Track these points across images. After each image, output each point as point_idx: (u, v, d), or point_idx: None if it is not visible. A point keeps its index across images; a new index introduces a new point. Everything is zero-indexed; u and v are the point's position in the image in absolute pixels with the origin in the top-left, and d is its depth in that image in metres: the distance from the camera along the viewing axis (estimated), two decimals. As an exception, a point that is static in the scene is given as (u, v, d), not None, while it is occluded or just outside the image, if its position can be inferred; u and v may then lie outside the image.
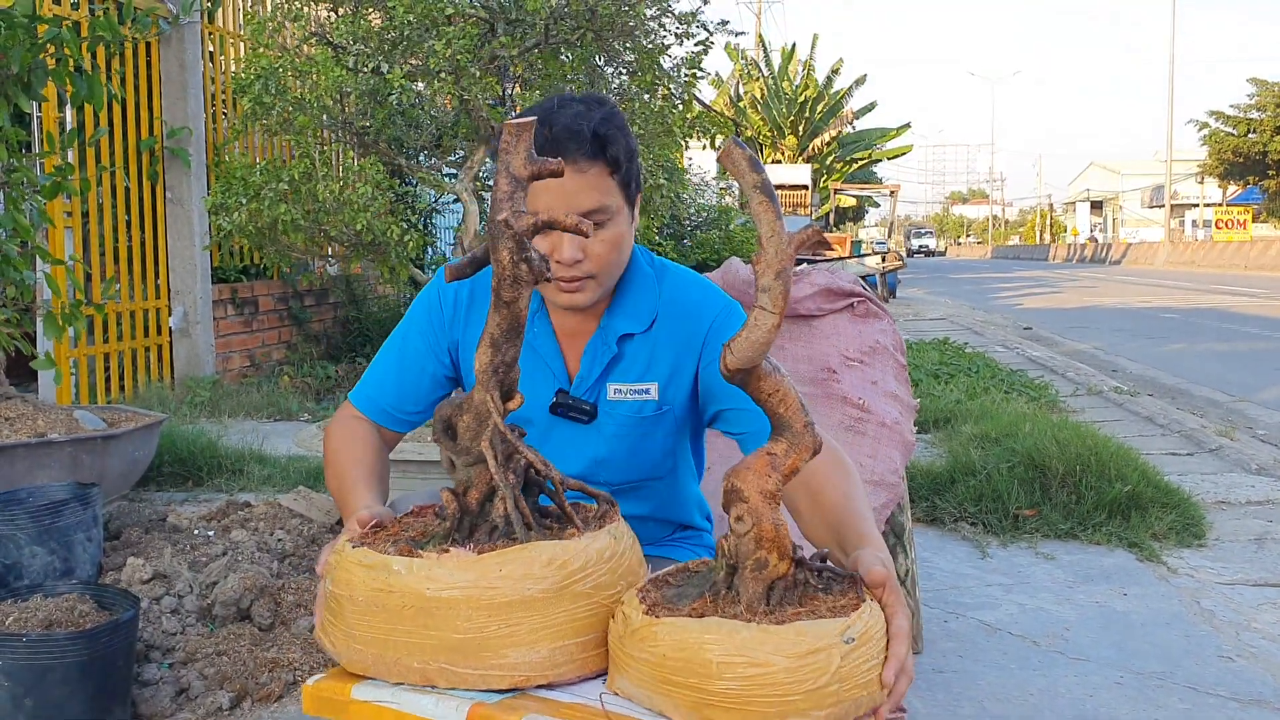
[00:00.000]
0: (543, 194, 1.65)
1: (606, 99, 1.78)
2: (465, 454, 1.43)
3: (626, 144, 1.70)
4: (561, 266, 1.69)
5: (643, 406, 1.82)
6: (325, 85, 4.05)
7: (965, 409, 5.93)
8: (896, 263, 17.77)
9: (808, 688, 1.21)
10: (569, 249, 1.68)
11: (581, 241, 1.68)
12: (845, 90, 33.28)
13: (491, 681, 1.33)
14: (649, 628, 1.29)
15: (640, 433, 1.83)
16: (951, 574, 3.66)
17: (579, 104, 1.70)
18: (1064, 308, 18.13)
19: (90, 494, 3.09)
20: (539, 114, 1.67)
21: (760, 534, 1.31)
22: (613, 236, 1.71)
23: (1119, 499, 4.15)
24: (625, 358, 1.82)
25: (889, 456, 2.73)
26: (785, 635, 1.23)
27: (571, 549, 1.36)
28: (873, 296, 2.91)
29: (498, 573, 1.32)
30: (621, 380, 1.82)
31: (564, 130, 1.65)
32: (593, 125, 1.66)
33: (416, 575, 1.32)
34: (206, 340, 7.25)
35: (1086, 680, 2.80)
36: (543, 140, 1.65)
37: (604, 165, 1.67)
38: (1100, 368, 9.50)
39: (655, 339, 1.82)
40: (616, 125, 1.69)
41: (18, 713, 2.26)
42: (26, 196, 4.05)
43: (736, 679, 1.22)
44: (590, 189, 1.66)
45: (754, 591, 1.31)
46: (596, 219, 1.67)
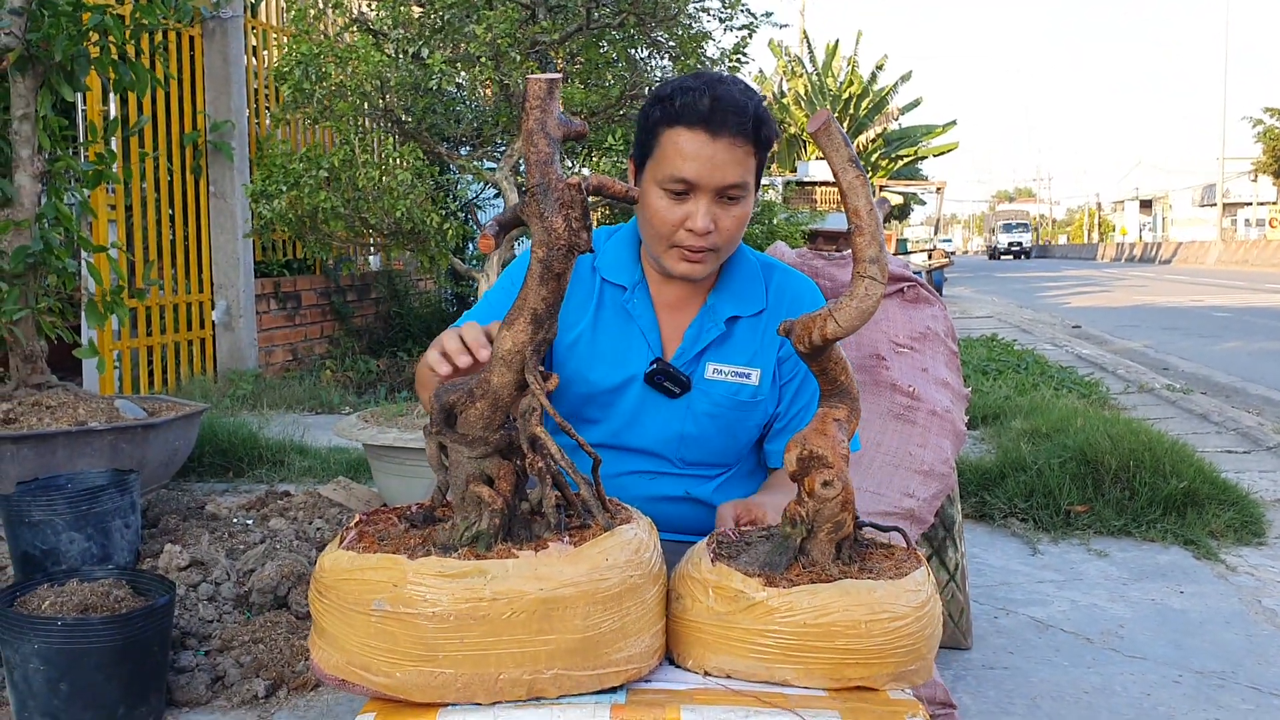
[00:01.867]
0: (692, 160, 1.68)
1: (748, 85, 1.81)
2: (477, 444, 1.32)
3: (773, 132, 1.75)
4: (693, 235, 1.71)
5: (740, 389, 1.83)
6: (365, 72, 4.02)
7: (1014, 404, 5.81)
8: (943, 260, 17.57)
9: (928, 632, 1.33)
10: (704, 219, 1.70)
11: (716, 212, 1.71)
12: (890, 87, 32.97)
13: (606, 680, 1.26)
14: (780, 598, 1.29)
15: (733, 416, 1.84)
16: (1002, 570, 3.57)
17: (737, 84, 1.73)
18: (1113, 306, 17.84)
19: (128, 481, 3.07)
20: (697, 84, 1.70)
21: (846, 496, 1.35)
22: (742, 214, 1.74)
23: (1174, 495, 4.03)
24: (732, 339, 1.84)
25: (939, 446, 2.64)
26: (907, 588, 1.32)
27: (644, 532, 1.33)
28: (923, 282, 2.83)
29: (606, 562, 1.25)
30: (724, 361, 1.83)
31: (730, 104, 1.68)
32: (755, 105, 1.70)
33: (523, 576, 1.21)
34: (249, 334, 7.27)
35: (1143, 679, 2.70)
36: (706, 109, 1.67)
37: (754, 146, 1.71)
38: (1151, 366, 9.31)
39: (764, 328, 1.84)
40: (769, 113, 1.74)
41: (53, 697, 2.23)
42: (69, 186, 4.06)
43: (883, 633, 1.28)
44: (738, 164, 1.69)
45: (828, 553, 1.37)
46: (734, 194, 1.71)
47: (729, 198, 1.70)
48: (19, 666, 2.24)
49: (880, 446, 2.62)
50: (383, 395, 6.90)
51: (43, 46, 3.76)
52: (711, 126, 1.66)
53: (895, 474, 2.59)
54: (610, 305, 1.85)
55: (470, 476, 1.31)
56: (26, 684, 2.24)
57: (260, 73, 7.70)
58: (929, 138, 34.39)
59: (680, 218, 1.71)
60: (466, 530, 1.28)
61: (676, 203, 1.70)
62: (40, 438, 3.45)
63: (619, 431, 1.81)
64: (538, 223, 1.27)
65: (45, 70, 3.84)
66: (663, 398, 1.81)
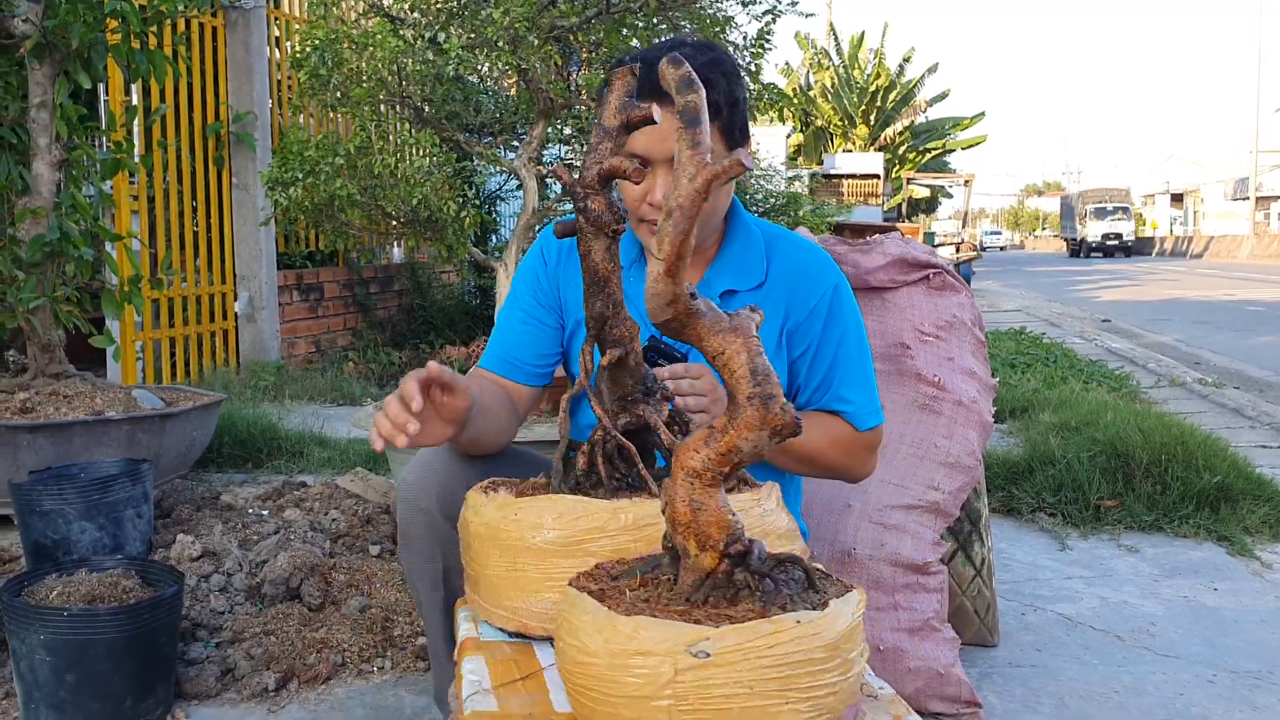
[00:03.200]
0: (640, 136, 1.65)
1: (716, 46, 1.76)
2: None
3: (729, 90, 1.69)
4: (653, 209, 1.70)
5: None
6: (382, 57, 3.97)
7: (1043, 398, 5.71)
8: (971, 253, 17.43)
9: (629, 693, 1.02)
10: (661, 191, 1.68)
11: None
12: (917, 79, 32.76)
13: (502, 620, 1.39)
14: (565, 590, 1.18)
15: None
16: (1029, 566, 3.49)
17: (688, 47, 1.69)
18: (1144, 300, 17.63)
19: (140, 470, 3.04)
20: (645, 55, 1.67)
21: (673, 516, 1.11)
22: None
23: (1207, 490, 3.93)
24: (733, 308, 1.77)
25: (965, 437, 2.57)
26: (619, 628, 1.04)
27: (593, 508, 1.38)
28: (949, 269, 2.75)
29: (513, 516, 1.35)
30: None
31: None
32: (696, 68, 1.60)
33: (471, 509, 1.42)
34: (271, 326, 7.26)
35: (1175, 678, 2.62)
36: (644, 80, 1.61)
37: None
38: (1183, 360, 9.17)
39: (765, 300, 1.80)
40: (721, 71, 1.67)
41: (60, 687, 2.20)
42: (88, 175, 4.04)
43: (570, 662, 1.08)
44: None
45: (683, 582, 1.13)
46: None
47: None
48: (25, 657, 2.21)
49: (904, 438, 2.55)
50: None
51: (60, 34, 3.74)
52: (654, 97, 1.60)
53: (920, 466, 2.52)
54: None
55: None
56: (33, 674, 2.21)
57: (283, 63, 7.68)
58: (957, 130, 34.16)
59: (642, 193, 1.70)
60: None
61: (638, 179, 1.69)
62: (57, 427, 3.42)
63: None
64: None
65: (62, 58, 3.82)
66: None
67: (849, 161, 26.84)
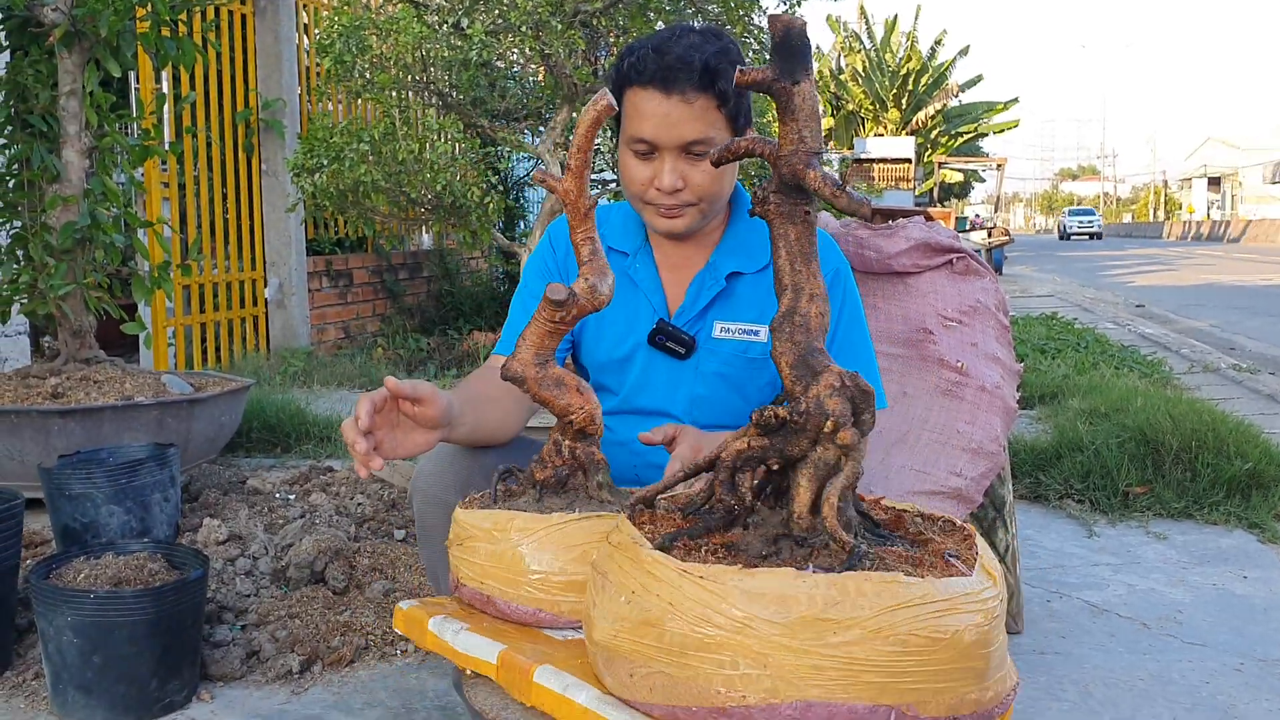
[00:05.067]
0: (649, 119, 1.65)
1: (724, 34, 1.75)
2: None
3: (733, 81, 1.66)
4: (661, 194, 1.70)
5: (750, 347, 1.80)
6: (406, 43, 3.98)
7: (1073, 384, 5.66)
8: (1003, 238, 17.28)
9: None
10: (669, 176, 1.68)
11: (683, 169, 1.68)
12: (949, 62, 32.49)
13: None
14: None
15: (744, 374, 1.81)
16: (1056, 552, 3.46)
17: (696, 35, 1.69)
18: (1179, 285, 17.42)
19: (167, 454, 3.07)
20: (655, 42, 1.67)
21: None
22: (715, 169, 1.70)
23: (1238, 477, 3.89)
24: (736, 296, 1.81)
25: (988, 423, 2.55)
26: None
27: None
28: (973, 253, 2.73)
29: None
30: (731, 319, 1.81)
31: (676, 60, 1.64)
32: (705, 57, 1.64)
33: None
34: (301, 312, 7.30)
35: (1202, 666, 2.60)
36: (656, 67, 1.64)
37: (712, 98, 1.65)
38: (1217, 345, 9.06)
39: (768, 285, 1.80)
40: (730, 59, 1.66)
41: (86, 669, 2.23)
42: (117, 161, 4.08)
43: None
44: (695, 119, 1.65)
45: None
46: (699, 150, 1.67)
47: (695, 153, 1.68)
48: (53, 639, 2.24)
49: (926, 423, 2.53)
50: (432, 373, 6.90)
51: (89, 22, 3.77)
52: (662, 83, 1.64)
53: (942, 452, 2.51)
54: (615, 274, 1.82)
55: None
56: (60, 656, 2.24)
57: (311, 50, 7.71)
58: (990, 115, 33.86)
59: (649, 177, 1.70)
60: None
61: (644, 162, 1.70)
62: (87, 412, 3.46)
63: (630, 396, 1.80)
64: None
65: (92, 46, 3.84)
66: (671, 360, 1.79)
67: (880, 146, 26.64)
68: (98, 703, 2.24)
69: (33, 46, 3.91)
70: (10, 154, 3.96)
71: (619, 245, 1.86)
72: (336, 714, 2.27)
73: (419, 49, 4.01)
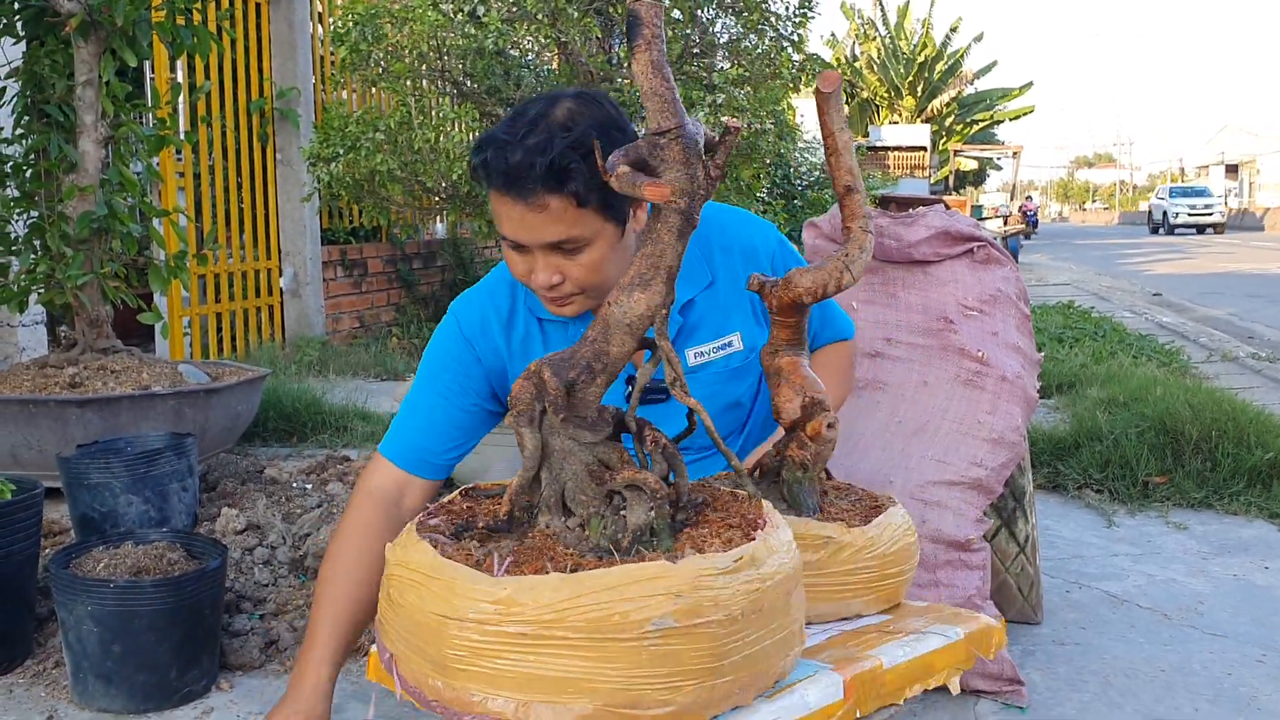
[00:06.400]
0: (507, 222, 1.50)
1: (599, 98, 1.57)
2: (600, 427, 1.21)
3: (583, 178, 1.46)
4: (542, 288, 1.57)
5: (729, 359, 1.76)
6: (421, 31, 3.96)
7: (1091, 373, 5.63)
8: (1019, 227, 17.20)
9: None
10: (543, 275, 1.54)
11: (558, 263, 1.53)
12: (964, 49, 32.32)
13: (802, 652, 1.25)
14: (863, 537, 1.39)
15: (732, 387, 1.78)
16: (1075, 542, 3.45)
17: (544, 128, 1.48)
18: (1196, 273, 17.32)
19: (185, 444, 3.08)
20: (502, 134, 1.49)
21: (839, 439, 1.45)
22: (590, 260, 1.54)
23: (1259, 467, 3.86)
24: (696, 319, 1.74)
25: (1009, 413, 2.54)
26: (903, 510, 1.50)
27: None
28: (994, 242, 2.71)
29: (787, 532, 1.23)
30: (701, 342, 1.75)
31: (518, 167, 1.45)
32: (550, 158, 1.45)
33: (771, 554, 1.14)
34: (316, 301, 7.31)
35: (1223, 657, 2.58)
36: (499, 173, 1.47)
37: (567, 198, 1.47)
38: (1236, 334, 9.00)
39: (720, 291, 1.75)
40: (584, 149, 1.45)
41: (106, 658, 2.24)
42: (134, 151, 4.08)
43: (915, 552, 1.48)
44: (555, 221, 1.48)
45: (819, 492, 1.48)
46: (568, 247, 1.52)
47: (566, 249, 1.52)
48: (73, 628, 2.25)
49: (947, 413, 2.52)
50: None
51: (104, 11, 3.76)
52: (510, 189, 1.47)
53: (963, 442, 2.49)
54: (559, 344, 1.72)
55: (589, 466, 1.18)
56: (81, 645, 2.25)
57: (326, 39, 7.71)
58: (1005, 101, 33.67)
59: (527, 270, 1.57)
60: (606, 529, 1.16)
61: (520, 255, 1.56)
62: (104, 401, 3.47)
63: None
64: (679, 169, 1.14)
65: (108, 35, 3.84)
66: (657, 407, 1.73)
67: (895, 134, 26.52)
68: (118, 691, 2.25)
69: (49, 36, 3.91)
70: (27, 144, 3.96)
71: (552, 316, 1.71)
72: (355, 704, 2.27)
73: (434, 37, 3.99)
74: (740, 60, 4.27)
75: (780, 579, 1.13)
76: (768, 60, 4.32)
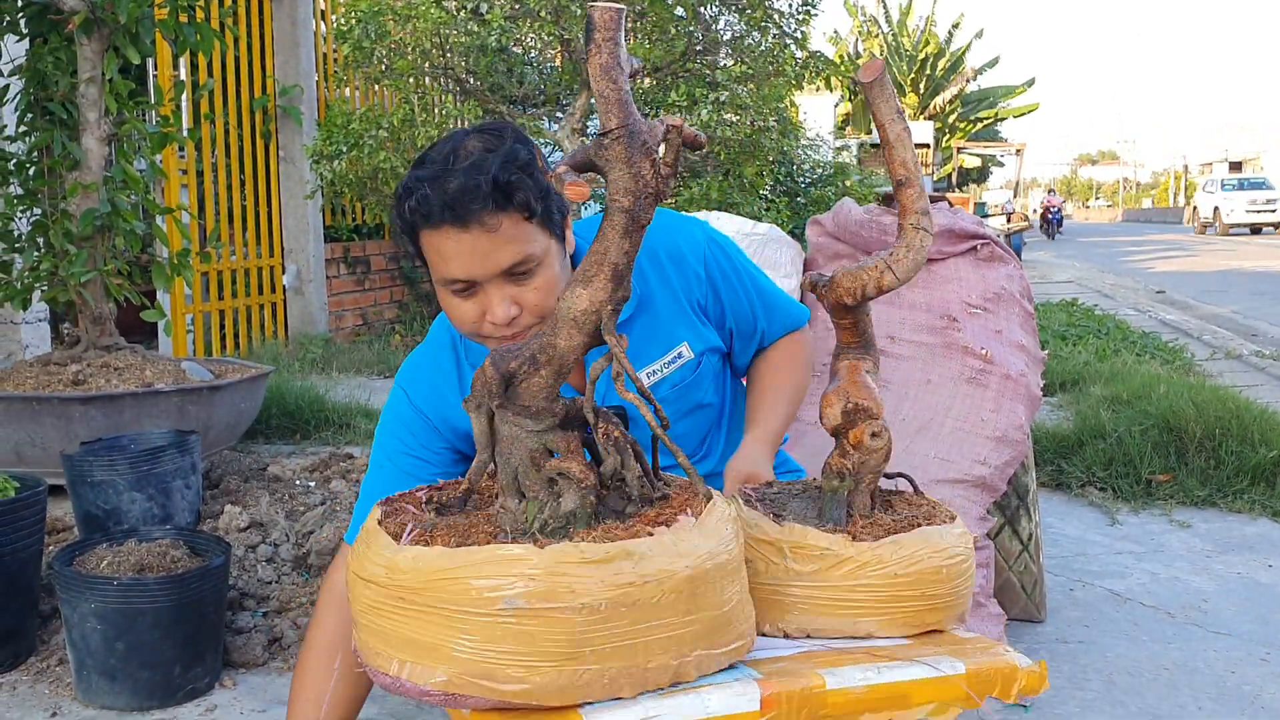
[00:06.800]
0: (455, 260, 1.44)
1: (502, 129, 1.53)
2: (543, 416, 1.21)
3: (535, 179, 1.44)
4: (498, 327, 1.49)
5: (682, 371, 1.70)
6: (424, 29, 3.96)
7: (1094, 370, 5.63)
8: (1022, 223, 17.19)
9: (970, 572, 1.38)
10: (501, 309, 1.48)
11: (513, 293, 1.48)
12: (966, 46, 32.30)
13: (732, 657, 1.20)
14: (869, 552, 1.31)
15: (692, 395, 1.72)
16: (1078, 540, 3.44)
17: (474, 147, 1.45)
18: (1200, 271, 17.29)
19: (188, 441, 3.08)
20: (430, 174, 1.43)
21: (890, 446, 1.37)
22: (545, 282, 1.49)
23: (1263, 465, 3.86)
24: (637, 343, 1.66)
25: (1013, 411, 2.53)
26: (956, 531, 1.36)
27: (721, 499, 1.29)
28: (998, 240, 2.70)
29: (727, 533, 1.20)
30: (649, 362, 1.68)
31: (460, 190, 1.40)
32: (492, 174, 1.41)
33: (669, 555, 1.13)
34: (319, 298, 7.31)
35: (1227, 655, 2.58)
36: (440, 204, 1.41)
37: (515, 214, 1.43)
38: (1239, 331, 8.99)
39: (656, 304, 1.68)
40: (520, 163, 1.43)
41: (110, 655, 2.24)
42: (137, 148, 4.08)
43: (956, 576, 1.34)
44: (509, 241, 1.44)
45: (865, 504, 1.38)
46: (522, 269, 1.47)
47: (519, 274, 1.47)
48: (77, 625, 2.25)
49: (950, 411, 2.52)
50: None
51: (108, 9, 3.76)
52: (457, 220, 1.41)
53: (966, 440, 2.49)
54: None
55: (533, 452, 1.21)
56: (85, 642, 2.25)
57: (329, 36, 7.71)
58: (1008, 98, 33.64)
59: (478, 313, 1.50)
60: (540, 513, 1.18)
61: (468, 299, 1.49)
62: (108, 399, 3.47)
63: None
64: (622, 168, 1.14)
65: (111, 33, 3.84)
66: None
67: (898, 131, 26.44)
68: (121, 688, 2.26)
69: (52, 34, 3.91)
70: (31, 141, 3.96)
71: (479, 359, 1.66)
72: (358, 701, 2.27)
73: (437, 34, 3.99)
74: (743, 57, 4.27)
75: (675, 579, 1.11)
76: (771, 58, 4.31)
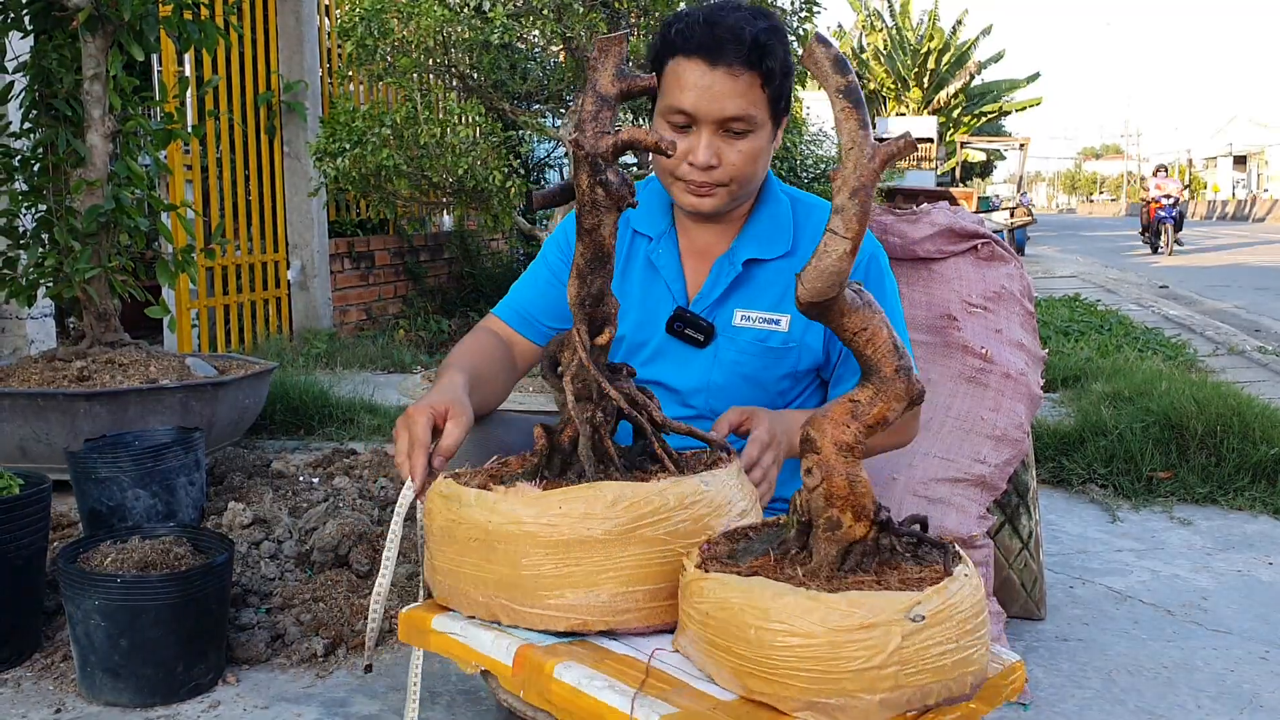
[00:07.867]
0: (690, 90, 1.62)
1: (772, 14, 1.71)
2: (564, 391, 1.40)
3: (784, 59, 1.65)
4: (694, 170, 1.66)
5: (770, 336, 1.76)
6: (428, 26, 3.97)
7: (1096, 367, 5.63)
8: (1025, 218, 17.16)
9: (856, 667, 1.06)
10: (704, 152, 1.64)
11: (719, 146, 1.65)
12: (971, 41, 32.20)
13: (549, 622, 1.29)
14: (697, 582, 1.19)
15: (761, 364, 1.77)
16: (1079, 538, 3.45)
17: (744, 11, 1.65)
18: (1204, 266, 17.27)
19: (192, 438, 3.09)
20: (704, 12, 1.63)
21: (830, 490, 1.17)
22: (751, 149, 1.66)
23: (1264, 462, 3.86)
24: (755, 283, 1.77)
25: (1013, 410, 2.54)
26: (834, 605, 1.07)
27: (642, 491, 1.29)
28: (998, 238, 2.71)
29: (557, 510, 1.27)
30: (751, 306, 1.76)
31: (727, 31, 1.60)
32: (755, 32, 1.61)
33: (481, 508, 1.32)
34: (324, 294, 7.33)
35: (1227, 654, 2.59)
36: (702, 36, 1.60)
37: (758, 74, 1.62)
38: (1243, 327, 8.98)
39: (793, 268, 1.75)
40: (779, 38, 1.64)
41: (114, 652, 2.25)
42: (141, 145, 4.09)
43: (775, 647, 1.09)
44: (739, 95, 1.62)
45: (826, 554, 1.18)
46: (738, 127, 1.64)
47: (734, 131, 1.64)
48: (81, 622, 2.26)
49: (950, 411, 2.52)
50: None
51: (112, 6, 3.77)
52: (708, 54, 1.60)
53: (966, 439, 2.50)
54: (639, 257, 1.82)
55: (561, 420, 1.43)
56: (88, 639, 2.27)
57: (333, 32, 7.71)
58: (1012, 92, 33.55)
59: (683, 151, 1.65)
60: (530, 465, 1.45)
61: (680, 135, 1.65)
62: (112, 395, 3.49)
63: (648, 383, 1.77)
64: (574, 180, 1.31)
65: (115, 30, 3.85)
66: (690, 348, 1.76)
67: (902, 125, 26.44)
68: (125, 685, 2.27)
69: (56, 31, 3.92)
70: (35, 138, 3.98)
71: (644, 229, 1.83)
72: (360, 697, 2.29)
73: (440, 32, 3.99)
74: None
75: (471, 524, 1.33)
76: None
